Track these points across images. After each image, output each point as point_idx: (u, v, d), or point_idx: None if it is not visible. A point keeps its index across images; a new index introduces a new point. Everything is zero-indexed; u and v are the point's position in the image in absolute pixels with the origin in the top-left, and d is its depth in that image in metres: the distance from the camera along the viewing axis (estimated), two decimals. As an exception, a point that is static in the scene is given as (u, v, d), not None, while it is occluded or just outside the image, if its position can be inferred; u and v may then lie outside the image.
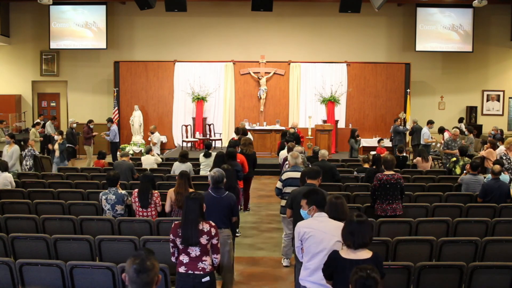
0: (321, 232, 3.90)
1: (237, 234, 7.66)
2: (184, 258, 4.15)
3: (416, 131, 14.09)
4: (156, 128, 14.64)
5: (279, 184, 6.52)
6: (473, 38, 17.21)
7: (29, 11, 17.77)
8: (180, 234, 4.12)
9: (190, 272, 4.13)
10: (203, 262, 4.14)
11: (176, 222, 4.31)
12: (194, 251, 4.12)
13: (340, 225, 3.77)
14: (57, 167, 11.46)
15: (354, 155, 13.35)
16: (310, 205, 4.13)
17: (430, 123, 13.86)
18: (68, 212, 6.69)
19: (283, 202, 6.38)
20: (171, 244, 4.24)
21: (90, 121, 14.33)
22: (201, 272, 4.13)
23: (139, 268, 2.48)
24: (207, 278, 4.14)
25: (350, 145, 13.61)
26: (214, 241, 4.18)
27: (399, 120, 14.54)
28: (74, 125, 14.13)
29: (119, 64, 17.44)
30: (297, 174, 6.18)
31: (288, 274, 6.32)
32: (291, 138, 10.25)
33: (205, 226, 4.14)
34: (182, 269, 4.16)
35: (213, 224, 4.21)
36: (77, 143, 14.00)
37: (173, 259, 4.29)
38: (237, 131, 11.61)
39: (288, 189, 6.21)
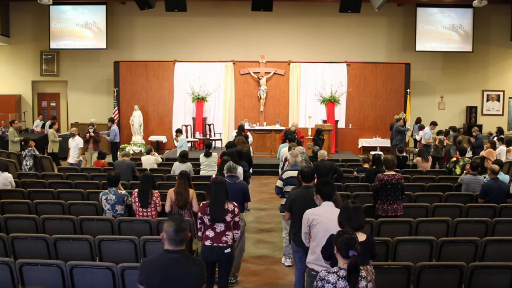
0: (328, 220, 4.29)
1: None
2: (210, 233, 4.81)
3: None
4: (77, 130, 12.28)
5: (279, 183, 6.60)
6: (473, 38, 17.21)
7: (29, 11, 17.78)
8: (208, 212, 4.80)
9: (215, 245, 4.80)
10: (226, 236, 4.83)
11: (204, 202, 5.02)
12: (219, 227, 4.80)
13: None
14: None
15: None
16: (316, 193, 4.58)
17: (432, 124, 13.86)
18: (68, 212, 6.69)
19: (284, 201, 6.40)
20: (199, 221, 4.90)
21: (92, 124, 13.30)
22: (224, 245, 4.82)
23: (177, 228, 3.22)
24: (229, 250, 4.84)
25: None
26: (236, 218, 4.90)
27: (401, 120, 14.53)
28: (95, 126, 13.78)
29: (119, 64, 17.44)
30: (297, 173, 6.22)
31: (289, 273, 6.32)
32: (293, 136, 10.39)
33: (229, 206, 4.86)
34: (208, 242, 4.81)
35: (236, 204, 4.94)
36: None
37: (199, 234, 4.94)
38: (241, 128, 12.07)
39: (289, 188, 6.27)
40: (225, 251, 4.79)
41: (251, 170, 10.10)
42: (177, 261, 3.23)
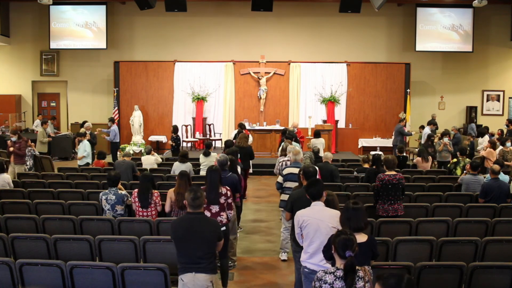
0: (317, 220, 4.32)
1: (239, 230, 7.79)
2: (206, 213, 5.30)
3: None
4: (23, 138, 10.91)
5: (280, 179, 6.90)
6: (473, 38, 17.21)
7: (29, 11, 17.77)
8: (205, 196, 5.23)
9: None
10: (221, 216, 5.45)
11: (202, 187, 5.36)
12: (215, 208, 5.43)
13: (334, 213, 4.35)
14: None
15: None
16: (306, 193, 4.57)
17: (432, 124, 13.84)
18: (68, 212, 6.69)
19: (283, 197, 6.63)
20: None
21: (15, 132, 11.19)
22: (220, 224, 5.18)
23: (193, 196, 4.13)
24: (224, 228, 5.34)
25: None
26: (229, 200, 5.54)
27: (404, 121, 14.51)
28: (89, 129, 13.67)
29: (119, 64, 17.44)
30: (297, 170, 6.36)
31: (289, 273, 6.32)
32: (290, 135, 10.49)
33: (223, 190, 5.51)
34: None
35: (228, 188, 5.60)
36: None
37: None
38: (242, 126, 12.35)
39: (288, 184, 6.53)
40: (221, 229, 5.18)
41: (251, 164, 10.28)
42: (196, 220, 4.15)
